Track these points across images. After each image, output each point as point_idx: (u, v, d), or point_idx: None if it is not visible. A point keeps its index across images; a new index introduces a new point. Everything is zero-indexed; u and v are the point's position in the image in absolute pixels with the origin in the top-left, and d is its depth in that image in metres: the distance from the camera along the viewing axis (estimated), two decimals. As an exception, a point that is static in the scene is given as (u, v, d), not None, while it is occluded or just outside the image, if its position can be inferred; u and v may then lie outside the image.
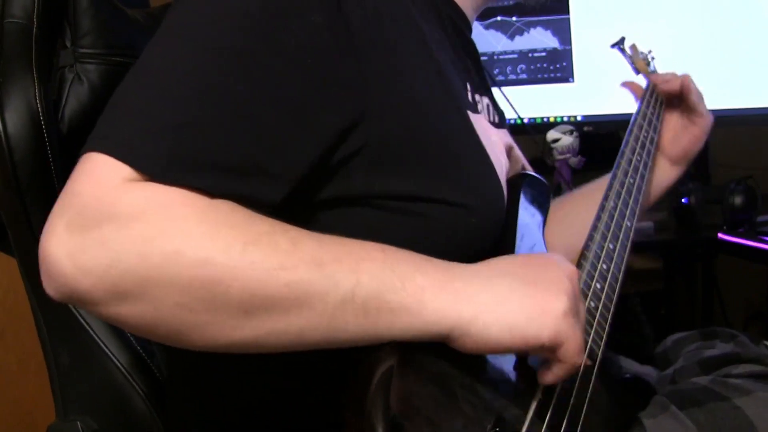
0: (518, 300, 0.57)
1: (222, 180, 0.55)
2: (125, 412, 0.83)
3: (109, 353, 0.82)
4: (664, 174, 1.04)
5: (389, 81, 0.63)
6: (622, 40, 1.16)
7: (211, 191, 0.54)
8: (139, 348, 0.84)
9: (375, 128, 0.62)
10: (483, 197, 0.69)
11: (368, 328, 0.55)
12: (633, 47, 1.15)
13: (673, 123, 1.06)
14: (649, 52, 1.16)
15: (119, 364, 0.83)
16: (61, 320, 0.84)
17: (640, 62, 1.14)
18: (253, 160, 0.56)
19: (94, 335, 0.82)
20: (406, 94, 0.65)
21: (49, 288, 0.54)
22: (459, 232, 0.67)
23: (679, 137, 1.05)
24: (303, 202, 0.62)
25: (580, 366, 0.59)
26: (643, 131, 0.98)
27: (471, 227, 0.67)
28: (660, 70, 1.15)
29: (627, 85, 1.12)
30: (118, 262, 0.51)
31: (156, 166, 0.53)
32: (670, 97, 1.06)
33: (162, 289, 0.51)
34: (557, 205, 0.97)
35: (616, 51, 1.16)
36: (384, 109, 0.63)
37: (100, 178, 0.53)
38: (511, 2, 1.65)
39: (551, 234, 0.86)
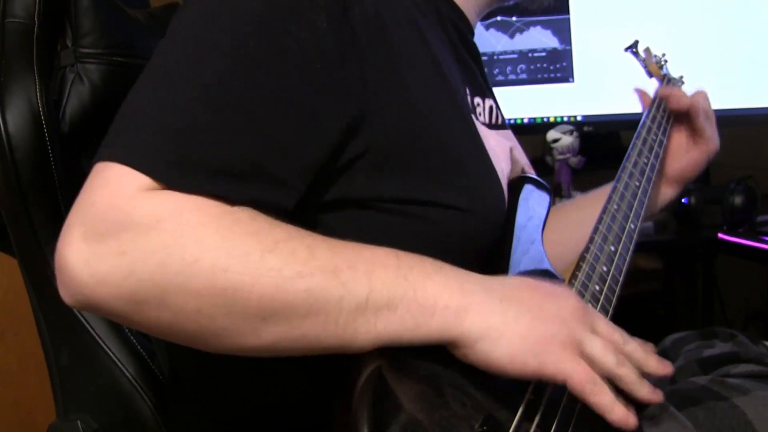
0: (521, 330, 0.57)
1: (237, 185, 0.55)
2: (126, 411, 0.83)
3: (110, 352, 0.83)
4: (657, 194, 1.01)
5: (391, 86, 0.64)
6: (636, 43, 1.16)
7: (228, 197, 0.55)
8: (139, 347, 0.84)
9: (377, 133, 0.62)
10: (484, 201, 0.69)
11: (378, 334, 0.55)
12: (647, 50, 1.15)
13: (675, 142, 1.02)
14: (663, 55, 1.15)
15: (120, 364, 0.83)
16: (61, 320, 0.84)
17: (653, 66, 1.13)
18: (264, 165, 0.57)
19: (94, 335, 0.82)
20: (408, 98, 0.65)
21: (66, 296, 0.54)
22: (459, 235, 0.67)
23: (678, 158, 1.01)
24: (307, 204, 0.62)
25: (602, 393, 0.58)
26: (650, 139, 0.97)
27: (471, 230, 0.68)
28: (674, 74, 1.14)
29: (637, 91, 1.08)
30: (136, 271, 0.51)
31: (171, 174, 0.54)
32: (678, 114, 1.02)
33: (181, 297, 0.52)
34: (556, 213, 0.96)
35: (629, 54, 1.16)
36: (386, 113, 0.63)
37: (115, 188, 0.53)
38: (511, 2, 1.65)
39: (549, 242, 0.85)
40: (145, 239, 0.51)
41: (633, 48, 1.16)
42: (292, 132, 0.58)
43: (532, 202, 0.79)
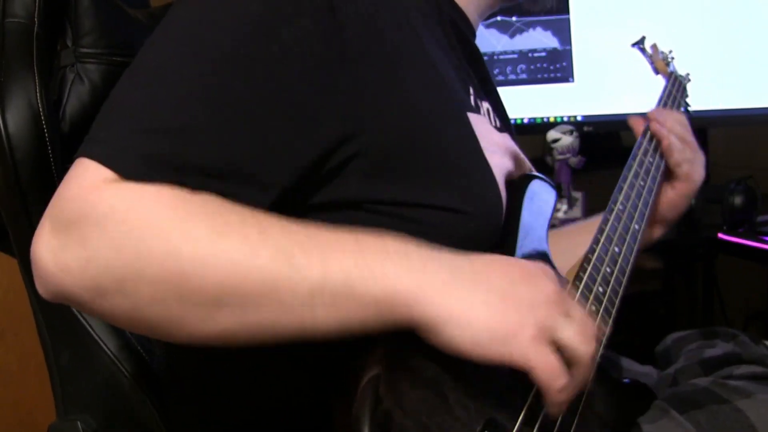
0: (488, 316, 0.55)
1: (202, 180, 0.55)
2: (125, 412, 0.83)
3: (109, 353, 0.83)
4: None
5: (386, 89, 0.63)
6: (643, 39, 1.15)
7: (189, 188, 0.55)
8: (139, 347, 0.84)
9: (371, 136, 0.62)
10: (481, 203, 0.69)
11: (339, 320, 0.54)
12: (653, 47, 1.14)
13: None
14: (670, 51, 1.15)
15: (119, 364, 0.83)
16: (61, 320, 0.84)
17: (659, 62, 1.13)
18: (238, 165, 0.57)
19: (94, 335, 0.82)
20: (403, 101, 0.65)
21: (40, 287, 0.56)
22: (457, 237, 0.66)
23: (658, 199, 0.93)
24: (298, 204, 0.62)
25: (566, 388, 0.57)
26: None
27: (469, 232, 0.67)
28: (680, 71, 1.14)
29: (630, 120, 0.99)
30: (95, 260, 0.52)
31: (136, 167, 0.54)
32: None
33: (136, 284, 0.53)
34: (553, 239, 0.93)
35: (635, 50, 1.15)
36: (380, 117, 0.63)
37: (82, 181, 0.55)
38: (512, 3, 1.65)
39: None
40: (102, 229, 0.52)
41: (640, 44, 1.15)
42: (274, 132, 0.58)
43: (538, 200, 0.79)
